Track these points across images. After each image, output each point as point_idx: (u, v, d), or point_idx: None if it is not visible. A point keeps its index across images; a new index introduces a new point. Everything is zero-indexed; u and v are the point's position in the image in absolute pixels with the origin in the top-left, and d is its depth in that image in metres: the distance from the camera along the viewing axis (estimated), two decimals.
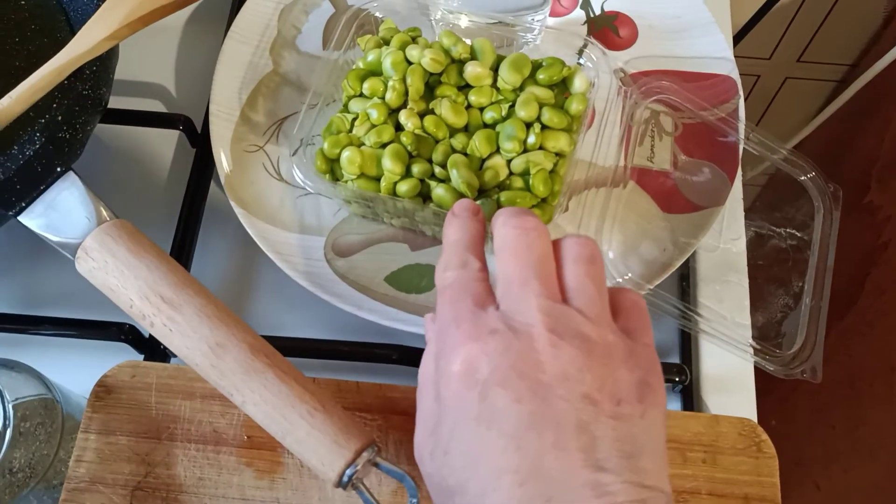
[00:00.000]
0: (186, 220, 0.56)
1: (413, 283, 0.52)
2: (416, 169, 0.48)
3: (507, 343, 0.33)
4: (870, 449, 0.80)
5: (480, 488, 0.32)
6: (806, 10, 0.92)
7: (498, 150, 0.49)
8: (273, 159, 0.54)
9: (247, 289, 0.55)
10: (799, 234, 0.56)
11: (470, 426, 0.33)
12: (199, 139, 0.59)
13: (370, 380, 0.48)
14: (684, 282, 0.55)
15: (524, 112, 0.49)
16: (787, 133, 1.05)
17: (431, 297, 0.51)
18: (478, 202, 0.47)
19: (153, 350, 0.52)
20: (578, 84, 0.51)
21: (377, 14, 0.56)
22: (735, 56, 0.63)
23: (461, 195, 0.47)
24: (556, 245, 0.37)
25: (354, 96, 0.51)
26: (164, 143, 0.61)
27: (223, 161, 0.54)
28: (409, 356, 0.51)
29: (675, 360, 0.53)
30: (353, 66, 0.52)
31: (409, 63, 0.50)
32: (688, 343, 0.53)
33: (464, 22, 0.55)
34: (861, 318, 0.84)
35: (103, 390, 0.47)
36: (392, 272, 0.52)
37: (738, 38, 0.88)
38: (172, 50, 0.65)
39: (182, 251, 0.55)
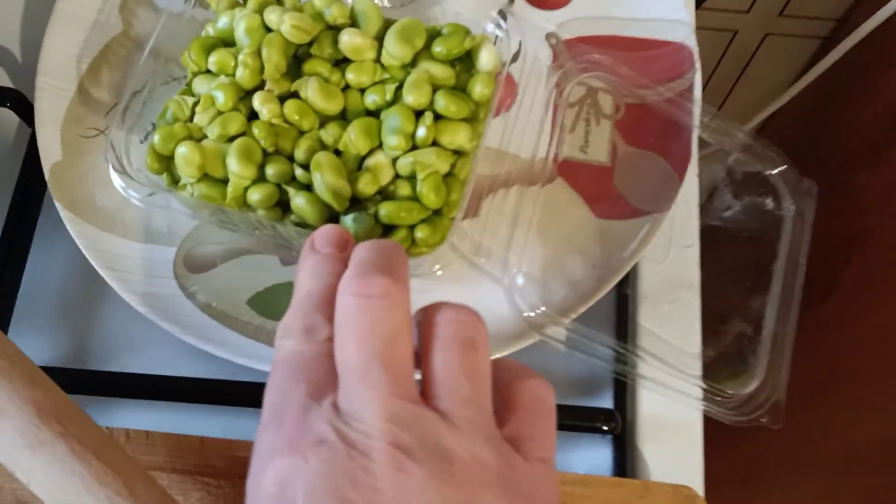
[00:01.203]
0: (15, 222, 0.45)
1: (282, 307, 0.41)
2: (272, 171, 0.37)
3: (334, 461, 0.24)
4: (844, 462, 0.72)
5: None
6: None
7: (381, 146, 0.38)
8: (117, 147, 0.42)
9: (89, 311, 0.45)
10: (762, 242, 0.46)
11: None
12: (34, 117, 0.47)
13: (234, 426, 0.39)
14: (621, 303, 0.45)
15: (412, 97, 0.38)
16: (767, 97, 0.94)
17: None
18: (349, 216, 0.37)
19: None
20: (485, 60, 0.40)
21: None
22: (708, 9, 0.52)
23: (328, 207, 0.37)
24: (425, 316, 0.27)
25: (199, 73, 0.40)
26: (3, 124, 0.50)
27: (49, 148, 0.44)
28: None
29: (607, 402, 0.44)
30: (203, 32, 0.41)
31: (269, 31, 0.39)
32: (622, 383, 0.44)
33: None
34: (836, 314, 0.75)
35: None
36: (257, 293, 0.42)
37: None
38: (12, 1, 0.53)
39: (7, 263, 0.44)
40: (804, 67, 0.93)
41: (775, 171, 0.46)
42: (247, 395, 0.41)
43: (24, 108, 0.47)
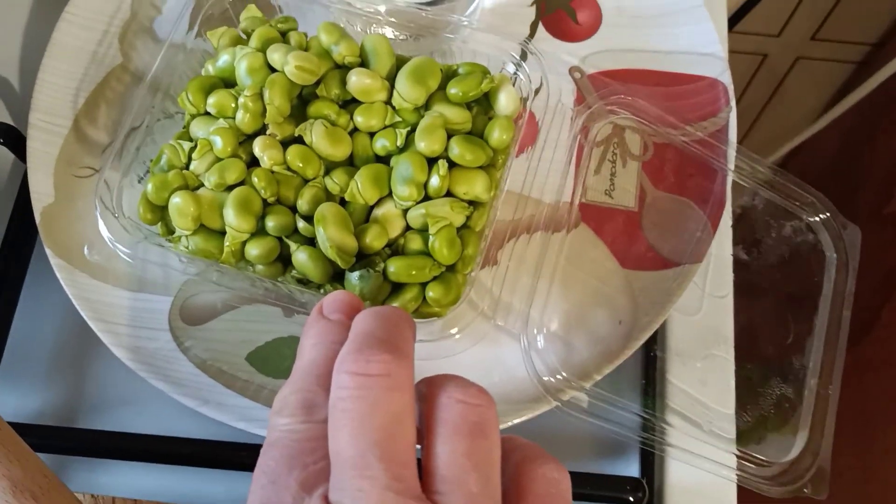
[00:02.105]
0: (4, 266, 0.43)
1: (284, 364, 0.39)
2: (273, 223, 0.34)
3: None
4: None
5: None
6: None
7: (391, 195, 0.36)
8: (113, 188, 0.39)
9: (80, 365, 0.42)
10: (802, 293, 0.43)
11: None
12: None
13: (232, 491, 0.36)
14: (648, 362, 0.42)
15: (425, 144, 0.35)
16: (798, 123, 0.90)
17: None
18: (355, 273, 0.34)
19: None
20: (504, 103, 0.37)
21: None
22: (736, 32, 0.49)
23: (333, 263, 0.34)
24: (429, 391, 0.24)
25: (197, 115, 0.37)
26: None
27: (41, 189, 0.41)
28: None
29: (633, 469, 0.40)
30: (203, 70, 0.39)
31: (273, 71, 0.36)
32: (648, 453, 0.40)
33: (379, 6, 0.41)
34: (875, 354, 0.71)
35: None
36: (257, 347, 0.39)
37: (742, 13, 0.73)
38: (14, 25, 0.51)
39: None
40: (837, 92, 0.89)
41: (817, 217, 0.42)
42: (246, 458, 0.38)
43: (18, 144, 0.45)
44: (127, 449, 0.39)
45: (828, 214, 0.42)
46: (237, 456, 0.38)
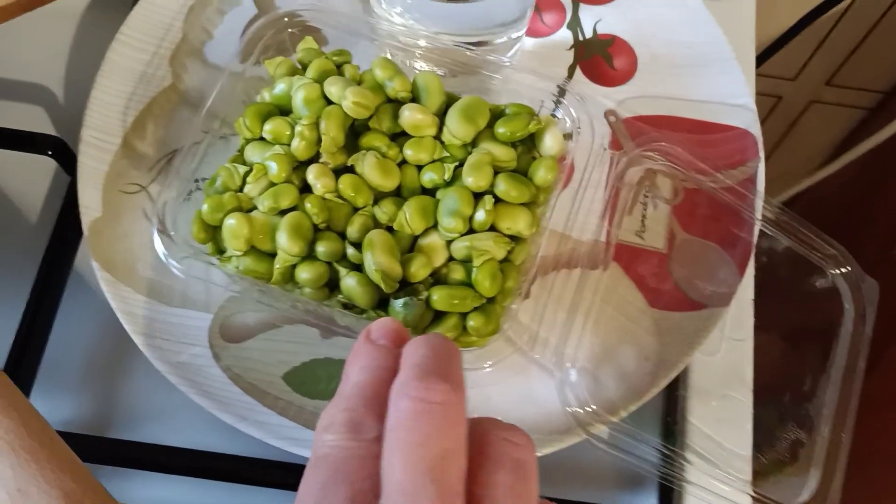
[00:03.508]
0: (46, 276, 0.44)
1: (319, 386, 0.40)
2: (323, 248, 0.36)
3: None
4: None
5: None
6: (842, 29, 0.79)
7: (436, 226, 0.37)
8: (167, 206, 0.40)
9: (116, 375, 0.43)
10: (818, 342, 0.44)
11: None
12: (76, 169, 0.46)
13: None
14: (669, 399, 0.43)
15: (473, 179, 0.36)
16: (807, 165, 0.92)
17: None
18: (400, 300, 0.35)
19: None
20: (550, 144, 0.38)
21: (312, 24, 0.43)
22: (756, 75, 0.51)
23: (379, 289, 0.35)
24: (475, 429, 0.25)
25: (253, 140, 0.38)
26: (39, 170, 0.48)
27: (90, 204, 0.42)
28: None
29: (652, 502, 0.41)
30: (258, 97, 0.40)
31: (329, 102, 0.38)
32: (668, 487, 0.41)
33: (420, 42, 0.42)
34: (876, 392, 0.72)
35: None
36: (294, 367, 0.40)
37: (761, 59, 0.75)
38: (65, 41, 0.52)
39: (36, 319, 0.43)
40: (847, 137, 0.91)
41: (838, 270, 0.44)
42: (282, 477, 0.39)
43: (64, 156, 0.46)
44: (164, 462, 0.39)
45: (849, 268, 0.43)
46: (274, 474, 0.39)
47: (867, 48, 0.81)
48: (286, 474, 0.39)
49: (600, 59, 0.48)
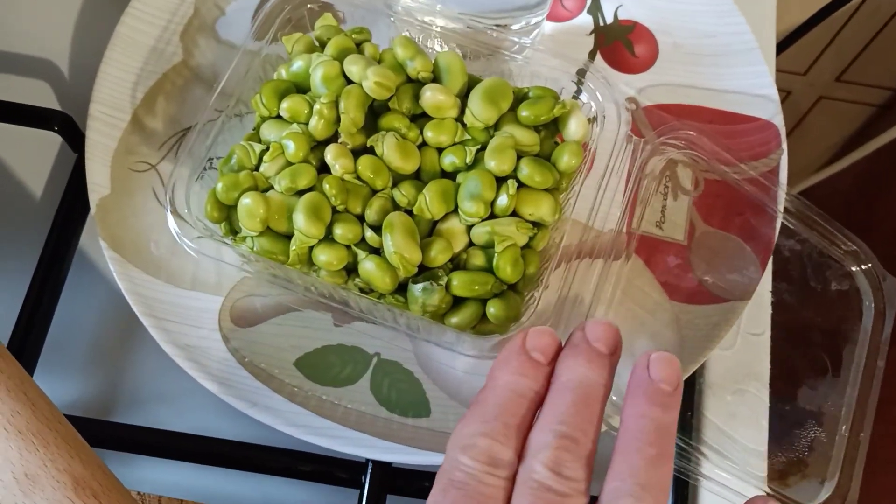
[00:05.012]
0: (51, 256, 0.42)
1: (332, 372, 0.39)
2: (341, 231, 0.35)
3: None
4: None
5: None
6: (855, 25, 0.78)
7: (456, 211, 0.36)
8: (180, 184, 0.38)
9: (121, 357, 0.42)
10: (838, 339, 0.44)
11: None
12: (83, 146, 0.45)
13: (275, 497, 0.36)
14: (685, 393, 0.42)
15: (495, 163, 0.35)
16: (814, 161, 0.91)
17: (357, 395, 0.38)
18: (419, 285, 0.34)
19: None
20: (574, 128, 0.37)
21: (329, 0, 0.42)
22: None
23: (397, 273, 0.34)
24: None
25: (269, 118, 0.37)
26: (44, 146, 0.47)
27: (98, 181, 0.41)
28: (334, 470, 0.38)
29: None
30: (275, 74, 0.39)
31: (349, 81, 0.37)
32: (683, 482, 0.41)
33: (438, 21, 0.41)
34: (885, 392, 0.72)
35: None
36: (306, 353, 0.39)
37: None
38: (73, 14, 0.51)
39: (40, 299, 0.41)
40: (855, 134, 0.91)
41: (859, 267, 0.43)
42: (290, 465, 0.38)
43: (70, 132, 0.45)
44: (170, 447, 0.39)
45: (870, 265, 0.43)
46: (283, 462, 0.38)
47: (879, 44, 0.80)
48: (295, 462, 0.38)
49: (621, 45, 0.47)
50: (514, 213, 0.36)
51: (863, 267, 0.43)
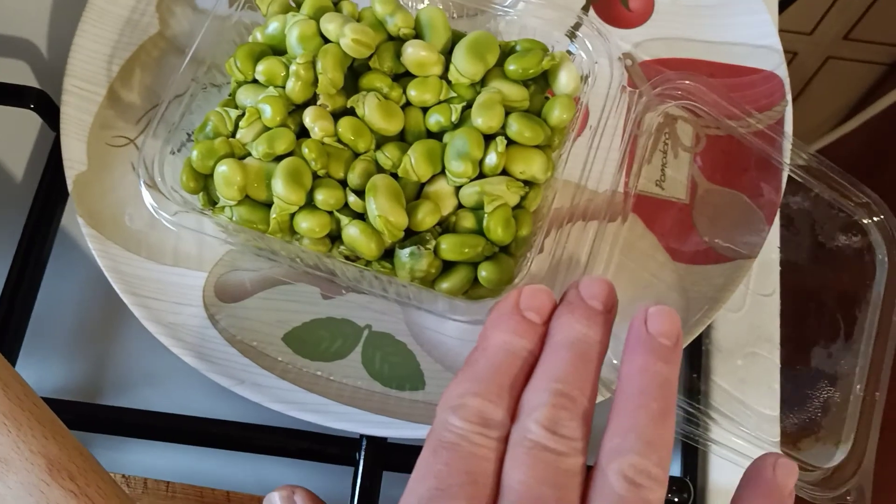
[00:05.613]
0: (32, 235, 0.41)
1: (321, 346, 0.37)
2: (322, 196, 0.33)
3: None
4: None
5: None
6: None
7: (444, 172, 0.34)
8: (148, 160, 0.37)
9: (107, 338, 0.41)
10: (850, 293, 0.42)
11: None
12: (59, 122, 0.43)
13: (264, 476, 0.35)
14: (692, 356, 0.40)
15: (482, 120, 0.34)
16: (823, 123, 0.89)
17: (349, 369, 0.37)
18: (406, 250, 0.33)
19: None
20: (565, 81, 0.36)
21: None
22: None
23: (383, 239, 0.33)
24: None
25: (245, 82, 0.36)
26: (23, 125, 0.46)
27: (74, 157, 0.40)
28: (326, 447, 0.37)
29: (675, 468, 0.39)
30: (250, 37, 0.37)
31: (326, 40, 0.35)
32: (692, 448, 0.39)
33: None
34: None
35: None
36: (294, 328, 0.38)
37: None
38: None
39: (21, 281, 0.40)
40: (864, 94, 0.88)
41: (871, 219, 0.41)
42: (281, 443, 0.37)
43: (48, 109, 0.43)
44: (156, 428, 0.37)
45: (882, 217, 0.41)
46: (272, 440, 0.37)
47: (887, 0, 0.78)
48: (286, 440, 0.37)
49: None
50: (505, 172, 0.34)
51: (875, 219, 0.41)
